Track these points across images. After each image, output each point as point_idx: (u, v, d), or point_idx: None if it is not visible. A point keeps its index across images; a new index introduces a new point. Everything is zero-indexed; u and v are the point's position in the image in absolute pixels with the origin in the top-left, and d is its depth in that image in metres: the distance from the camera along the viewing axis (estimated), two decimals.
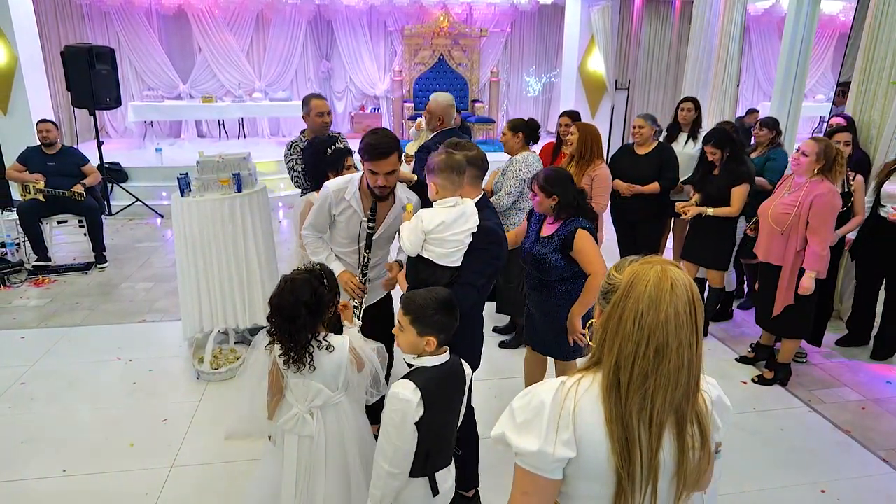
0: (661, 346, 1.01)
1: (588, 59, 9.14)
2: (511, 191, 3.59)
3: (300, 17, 10.11)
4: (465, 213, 2.17)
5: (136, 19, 9.60)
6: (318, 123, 3.74)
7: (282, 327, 1.92)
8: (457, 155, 2.17)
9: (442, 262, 2.17)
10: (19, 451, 2.91)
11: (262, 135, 10.52)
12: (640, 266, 1.06)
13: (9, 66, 7.30)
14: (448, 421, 1.83)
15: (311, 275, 1.97)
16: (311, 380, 1.95)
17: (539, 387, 1.09)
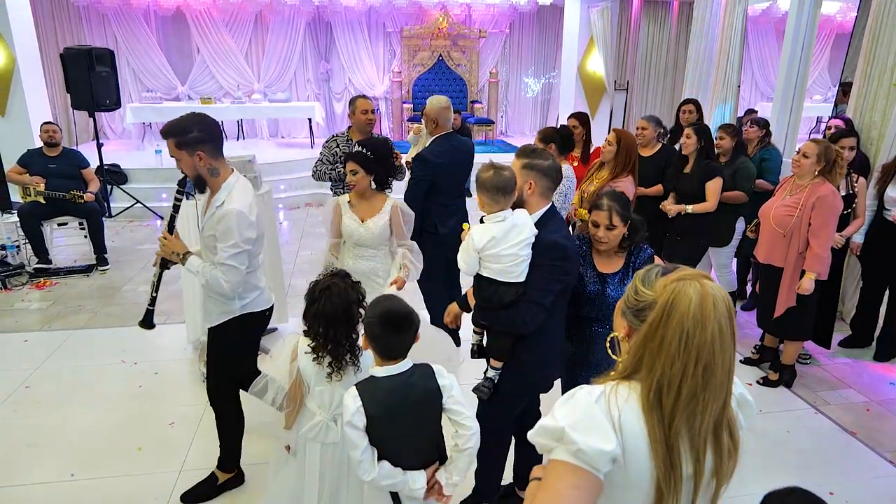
0: (709, 364, 1.00)
1: (587, 60, 9.16)
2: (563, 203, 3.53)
3: (299, 18, 10.10)
4: (516, 224, 2.06)
5: (134, 21, 9.57)
6: (363, 121, 3.90)
7: (326, 334, 1.88)
8: (505, 173, 2.04)
9: (503, 279, 2.07)
10: (26, 455, 2.90)
11: (261, 136, 10.51)
12: (676, 282, 1.03)
13: (7, 68, 7.27)
14: (403, 435, 1.76)
15: (342, 279, 1.96)
16: (337, 387, 1.94)
17: (579, 393, 1.08)
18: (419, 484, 1.77)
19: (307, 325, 1.93)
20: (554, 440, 1.04)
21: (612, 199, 2.23)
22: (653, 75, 11.00)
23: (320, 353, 1.90)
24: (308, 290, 1.95)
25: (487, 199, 2.07)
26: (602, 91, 9.35)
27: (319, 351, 1.90)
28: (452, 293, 3.93)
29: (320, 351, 1.90)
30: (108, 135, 9.97)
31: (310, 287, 1.95)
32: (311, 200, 8.18)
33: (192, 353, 3.88)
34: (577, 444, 1.00)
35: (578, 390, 1.09)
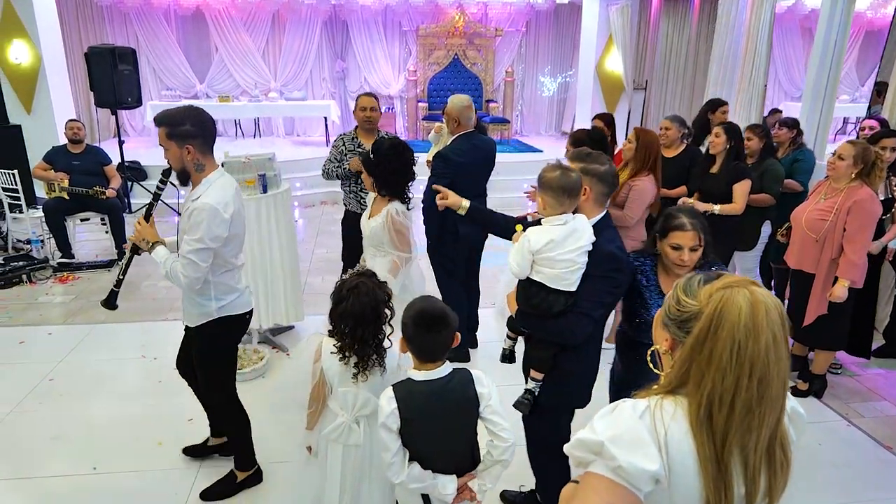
0: (763, 376, 0.96)
1: (606, 59, 9.10)
2: None
3: (315, 17, 10.14)
4: (576, 229, 1.97)
5: (154, 20, 9.68)
6: (362, 118, 3.88)
7: (353, 334, 1.87)
8: (572, 174, 1.95)
9: (554, 286, 1.98)
10: (49, 448, 2.95)
11: (278, 134, 10.57)
12: (723, 290, 0.99)
13: (32, 67, 7.40)
14: (438, 439, 1.75)
15: (369, 278, 1.95)
16: (361, 388, 1.94)
17: (622, 406, 1.04)
18: (450, 490, 1.76)
19: (333, 324, 1.93)
20: (592, 454, 1.00)
21: (692, 217, 2.07)
22: (672, 74, 10.88)
23: (347, 354, 1.90)
24: (335, 289, 1.95)
25: (550, 201, 1.96)
26: (620, 90, 9.28)
27: (346, 351, 1.90)
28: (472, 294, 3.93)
29: (347, 351, 1.90)
30: (128, 132, 10.09)
31: (336, 286, 1.95)
32: (326, 198, 8.21)
33: None
34: (618, 460, 0.96)
35: (621, 403, 1.05)
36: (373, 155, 2.84)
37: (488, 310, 4.48)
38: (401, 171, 2.88)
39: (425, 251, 3.70)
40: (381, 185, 2.86)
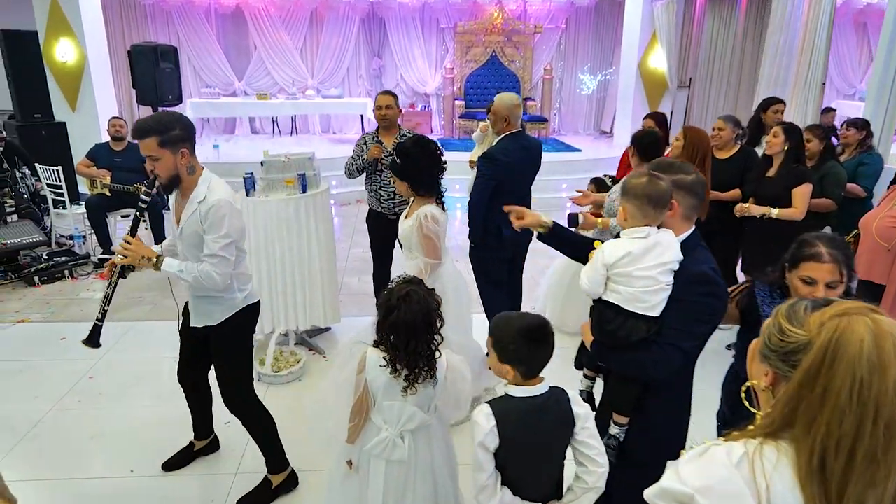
0: (892, 420, 0.82)
1: (649, 56, 8.82)
2: None
3: (353, 15, 10.13)
4: (659, 243, 1.72)
5: (195, 19, 9.80)
6: (377, 116, 3.89)
7: (406, 345, 1.78)
8: (661, 183, 1.71)
9: (632, 309, 1.71)
10: (88, 448, 2.94)
11: (314, 132, 10.60)
12: (838, 318, 0.86)
13: (78, 65, 7.54)
14: (535, 458, 1.65)
15: (419, 286, 1.86)
16: (407, 402, 1.85)
17: (714, 451, 0.91)
18: None
19: (381, 336, 1.83)
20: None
21: (832, 246, 1.74)
22: (716, 72, 10.51)
23: (398, 367, 1.80)
24: (382, 299, 1.84)
25: (633, 210, 1.74)
26: (664, 89, 8.99)
27: (397, 363, 1.80)
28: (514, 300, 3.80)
29: (398, 364, 1.80)
30: None
31: (384, 296, 1.84)
32: (361, 197, 8.13)
33: None
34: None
35: (713, 447, 0.92)
36: (398, 158, 2.77)
37: None
38: (431, 166, 2.82)
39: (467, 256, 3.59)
40: (416, 185, 2.80)
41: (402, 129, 3.99)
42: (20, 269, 5.00)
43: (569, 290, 4.11)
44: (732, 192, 3.85)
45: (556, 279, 4.21)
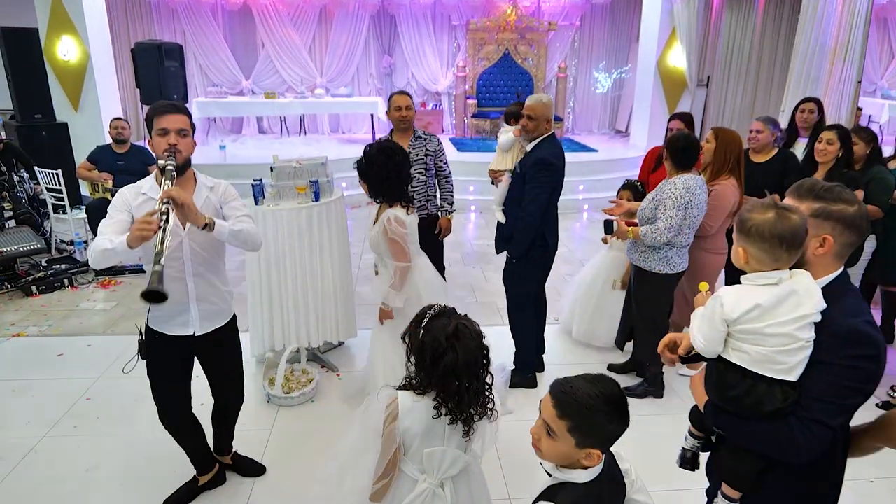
0: None
1: (668, 54, 8.53)
2: (671, 224, 2.96)
3: (363, 12, 9.87)
4: (795, 291, 1.37)
5: (202, 16, 9.57)
6: (396, 118, 3.69)
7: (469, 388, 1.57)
8: (794, 217, 1.36)
9: (764, 372, 1.37)
10: (82, 482, 2.69)
11: (322, 131, 10.36)
12: None
13: (81, 64, 7.33)
14: None
15: (458, 316, 1.62)
16: (449, 445, 1.61)
17: None
18: None
19: (430, 381, 1.59)
20: None
21: None
22: (734, 71, 10.19)
23: (456, 414, 1.57)
24: (424, 344, 1.58)
25: (759, 254, 1.38)
26: (683, 87, 8.70)
27: (454, 411, 1.57)
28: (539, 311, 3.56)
29: (455, 411, 1.57)
30: None
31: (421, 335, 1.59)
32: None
33: (255, 368, 3.64)
34: None
35: None
36: (364, 160, 2.77)
37: (552, 326, 4.08)
38: (393, 177, 2.76)
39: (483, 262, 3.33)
40: (375, 191, 2.81)
41: (417, 131, 3.77)
42: (17, 279, 4.78)
43: (598, 300, 3.85)
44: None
45: (584, 289, 3.94)
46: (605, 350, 3.87)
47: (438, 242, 3.92)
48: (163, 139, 2.04)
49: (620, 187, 3.90)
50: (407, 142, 3.64)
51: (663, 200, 3.01)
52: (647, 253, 3.12)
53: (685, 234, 3.06)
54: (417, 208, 3.62)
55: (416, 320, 1.67)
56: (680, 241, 3.06)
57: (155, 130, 2.05)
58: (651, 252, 3.11)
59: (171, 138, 2.03)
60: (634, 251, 3.21)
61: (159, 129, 2.04)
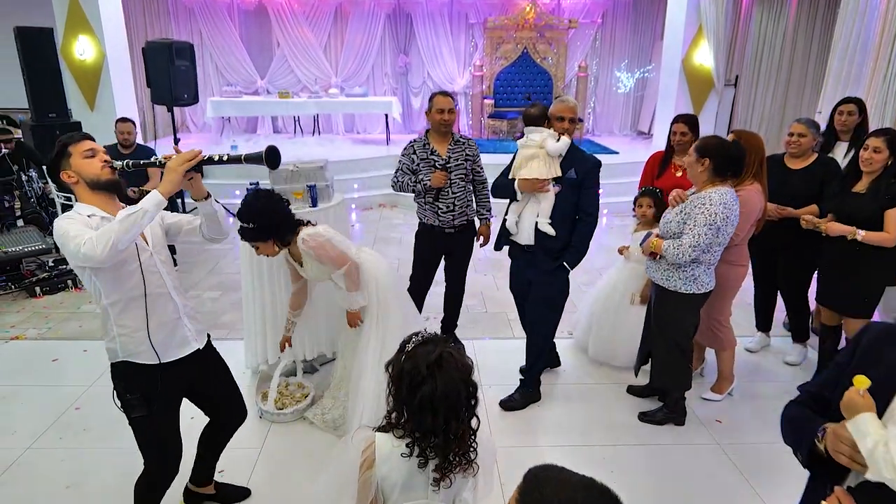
0: None
1: (694, 52, 8.22)
2: (698, 243, 2.67)
3: (379, 11, 9.74)
4: None
5: (218, 15, 9.53)
6: (437, 121, 3.43)
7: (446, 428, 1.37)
8: None
9: None
10: (61, 499, 2.58)
11: (337, 131, 10.25)
12: None
13: (96, 63, 7.32)
14: None
15: (446, 344, 1.43)
16: (434, 497, 1.42)
17: None
18: None
19: (403, 416, 1.41)
20: None
21: None
22: (764, 70, 9.82)
23: (429, 455, 1.38)
24: (403, 371, 1.39)
25: None
26: (710, 87, 8.37)
27: (427, 452, 1.38)
28: None
29: (430, 452, 1.38)
30: (189, 128, 10.04)
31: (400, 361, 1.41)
32: (384, 201, 7.78)
33: (250, 379, 3.50)
34: None
35: None
36: (249, 224, 2.59)
37: (566, 340, 3.88)
38: (285, 216, 2.67)
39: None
40: (280, 240, 2.68)
41: (456, 135, 3.53)
42: (22, 279, 4.73)
43: (616, 316, 3.61)
44: (808, 207, 3.31)
45: (601, 303, 3.70)
46: (624, 370, 3.63)
47: (470, 249, 3.73)
48: (94, 159, 1.90)
49: (639, 194, 3.67)
50: (445, 146, 3.45)
51: (694, 215, 2.70)
52: (671, 271, 2.85)
53: (714, 252, 2.80)
54: (457, 215, 3.49)
55: (401, 346, 1.49)
56: (708, 258, 2.80)
57: (81, 155, 1.89)
58: (675, 270, 2.83)
59: (102, 156, 1.93)
60: (656, 268, 2.94)
61: (86, 151, 1.90)
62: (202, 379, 2.22)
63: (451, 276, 3.77)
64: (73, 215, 1.86)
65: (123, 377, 2.00)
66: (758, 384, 3.54)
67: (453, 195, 3.45)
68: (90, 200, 1.90)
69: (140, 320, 1.92)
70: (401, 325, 2.89)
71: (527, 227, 3.05)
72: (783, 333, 4.08)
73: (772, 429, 3.18)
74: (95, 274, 1.85)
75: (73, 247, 1.73)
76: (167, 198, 1.81)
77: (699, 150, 2.72)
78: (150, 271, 1.95)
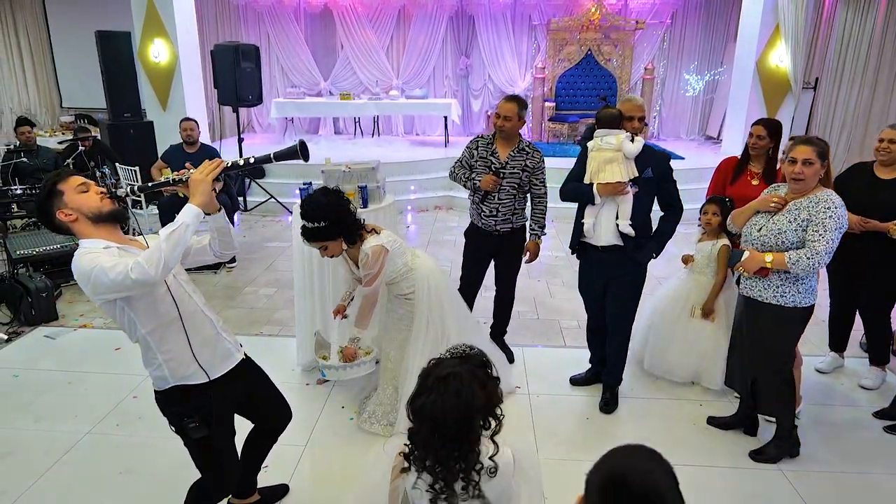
0: None
1: (770, 53, 7.76)
2: (832, 248, 2.46)
3: (442, 13, 9.74)
4: None
5: (285, 18, 9.80)
6: (495, 124, 3.39)
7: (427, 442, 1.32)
8: None
9: None
10: (113, 485, 2.66)
11: (396, 133, 10.33)
12: None
13: (169, 65, 7.65)
14: None
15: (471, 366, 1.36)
16: None
17: None
18: None
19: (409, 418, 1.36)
20: None
21: None
22: (847, 72, 9.19)
23: (416, 468, 1.33)
24: (422, 373, 1.37)
25: None
26: (786, 90, 7.88)
27: (415, 463, 1.33)
28: None
29: (415, 463, 1.33)
30: (255, 128, 10.36)
31: (425, 369, 1.38)
32: (440, 203, 7.76)
33: (300, 376, 3.53)
34: None
35: None
36: (319, 223, 2.54)
37: None
38: (353, 214, 2.64)
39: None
40: (348, 238, 2.65)
41: (523, 142, 3.42)
42: None
43: (676, 326, 3.41)
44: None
45: (660, 314, 3.51)
46: (680, 386, 3.44)
47: (517, 254, 3.58)
48: (90, 192, 1.81)
49: (706, 202, 3.45)
50: (508, 151, 3.37)
51: (820, 220, 2.45)
52: (788, 285, 2.56)
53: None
54: (500, 221, 3.41)
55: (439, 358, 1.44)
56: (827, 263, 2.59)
57: (74, 191, 1.79)
58: (793, 283, 2.56)
59: (95, 188, 1.83)
60: (765, 285, 2.61)
61: (79, 185, 1.80)
62: (249, 388, 2.20)
63: (499, 280, 3.68)
64: (91, 249, 1.75)
65: (178, 402, 1.96)
66: (829, 409, 3.26)
67: (499, 201, 3.37)
68: (95, 234, 1.80)
69: (182, 342, 1.89)
70: (455, 328, 2.86)
71: (605, 229, 3.04)
72: (859, 354, 3.76)
73: (844, 459, 2.95)
74: (128, 304, 1.78)
75: (114, 276, 1.64)
76: (202, 209, 1.78)
77: (821, 154, 2.50)
78: (178, 292, 1.92)
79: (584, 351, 3.54)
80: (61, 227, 1.81)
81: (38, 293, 4.24)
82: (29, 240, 4.87)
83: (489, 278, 3.69)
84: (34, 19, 10.16)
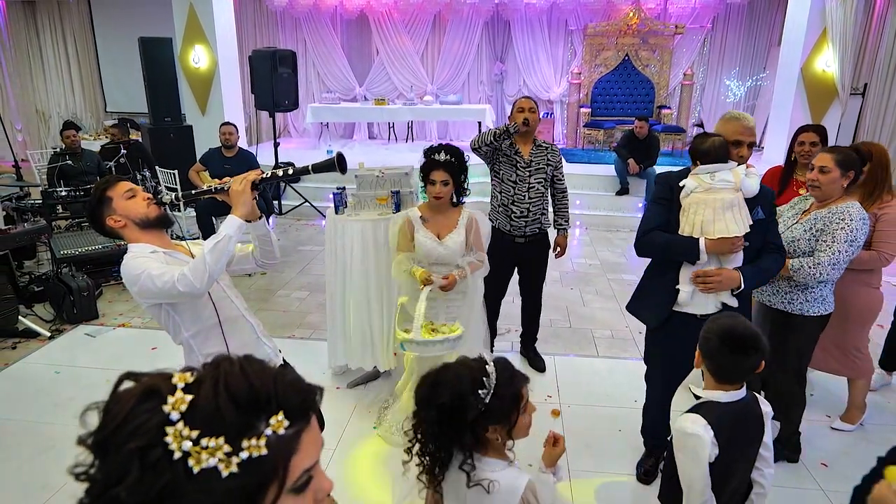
0: None
1: (816, 59, 7.51)
2: (838, 261, 2.39)
3: (477, 18, 9.73)
4: None
5: (321, 24, 9.93)
6: (523, 120, 3.33)
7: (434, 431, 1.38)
8: None
9: None
10: None
11: (430, 138, 10.33)
12: None
13: (209, 70, 7.83)
14: (739, 467, 1.63)
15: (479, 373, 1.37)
16: None
17: None
18: None
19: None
20: None
21: None
22: None
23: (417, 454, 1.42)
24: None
25: None
26: (832, 96, 7.61)
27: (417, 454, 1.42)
28: None
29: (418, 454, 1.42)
30: (291, 133, 10.52)
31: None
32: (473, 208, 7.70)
33: (331, 379, 3.53)
34: None
35: None
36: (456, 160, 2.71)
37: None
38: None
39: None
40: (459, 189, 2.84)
41: (538, 140, 3.47)
42: None
43: None
44: None
45: None
46: None
47: (544, 261, 3.59)
48: (137, 198, 1.86)
49: None
50: (529, 148, 3.41)
51: (831, 231, 2.42)
52: (795, 293, 2.56)
53: (841, 270, 2.51)
54: (530, 222, 3.40)
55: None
56: (836, 276, 2.51)
57: (122, 197, 1.84)
58: (801, 291, 2.54)
59: (142, 194, 1.88)
60: (772, 291, 2.64)
61: (126, 192, 1.85)
62: None
63: (524, 290, 3.68)
64: (139, 254, 1.80)
65: None
66: (877, 428, 3.10)
67: (529, 200, 3.37)
68: (143, 240, 1.85)
69: (221, 347, 1.91)
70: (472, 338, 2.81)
71: (705, 297, 2.30)
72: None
73: None
74: (173, 308, 1.83)
75: (161, 284, 1.68)
76: (245, 219, 1.81)
77: (842, 163, 2.41)
78: (219, 297, 1.95)
79: (617, 361, 3.47)
80: (112, 233, 1.88)
81: (79, 292, 4.36)
82: (72, 240, 5.01)
83: (513, 284, 3.66)
84: (81, 26, 10.54)
